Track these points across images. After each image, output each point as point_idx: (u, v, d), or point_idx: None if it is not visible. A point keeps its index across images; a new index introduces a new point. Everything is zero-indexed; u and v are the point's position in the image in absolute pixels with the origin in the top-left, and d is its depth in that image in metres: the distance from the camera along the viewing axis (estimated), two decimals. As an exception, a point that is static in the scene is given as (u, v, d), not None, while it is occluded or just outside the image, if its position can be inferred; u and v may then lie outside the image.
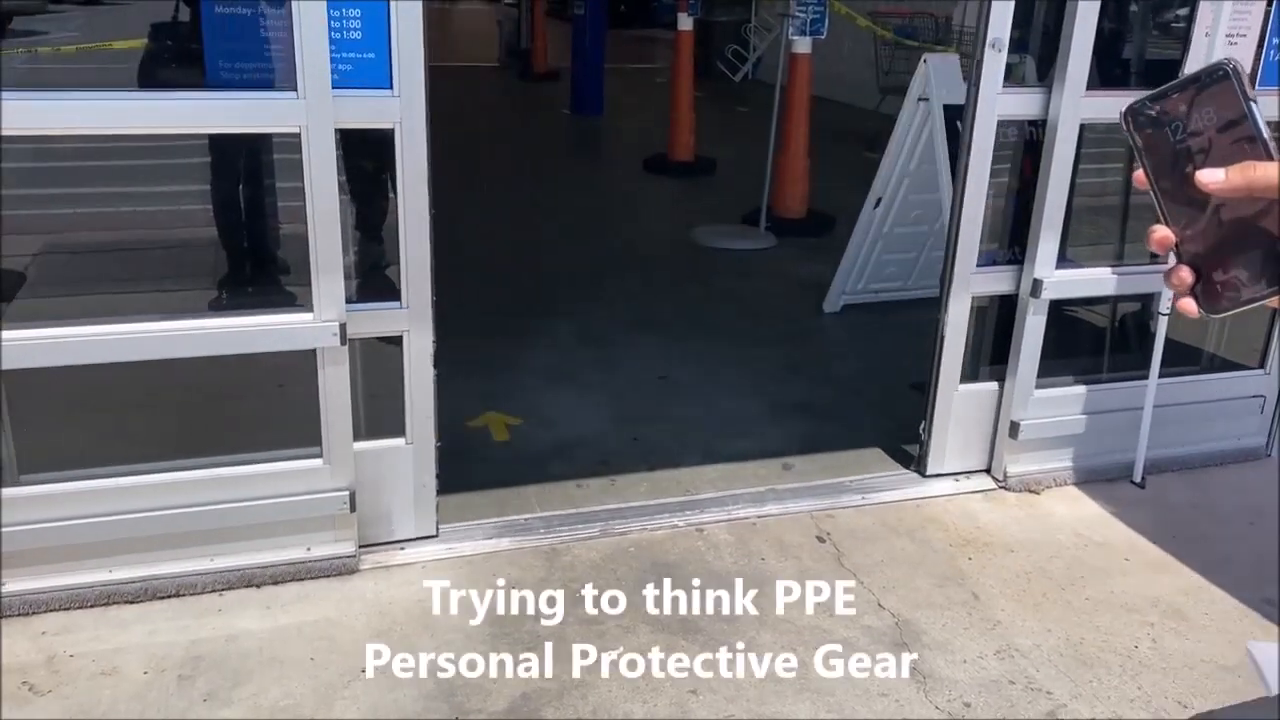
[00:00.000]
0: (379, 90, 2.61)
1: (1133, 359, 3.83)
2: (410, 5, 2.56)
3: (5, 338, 2.52)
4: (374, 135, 2.70)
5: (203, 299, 4.30)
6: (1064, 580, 3.05)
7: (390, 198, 2.73)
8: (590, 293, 5.40)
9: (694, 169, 8.31)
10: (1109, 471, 3.61)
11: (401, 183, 2.69)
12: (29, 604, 2.68)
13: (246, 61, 2.63)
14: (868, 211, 4.89)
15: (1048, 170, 3.25)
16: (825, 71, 9.16)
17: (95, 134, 2.73)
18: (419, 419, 2.93)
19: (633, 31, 19.17)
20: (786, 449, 3.76)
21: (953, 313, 3.38)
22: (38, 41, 8.58)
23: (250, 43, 2.62)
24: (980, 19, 3.09)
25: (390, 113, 2.62)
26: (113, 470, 2.75)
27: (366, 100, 2.61)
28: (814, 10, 6.15)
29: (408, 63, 2.60)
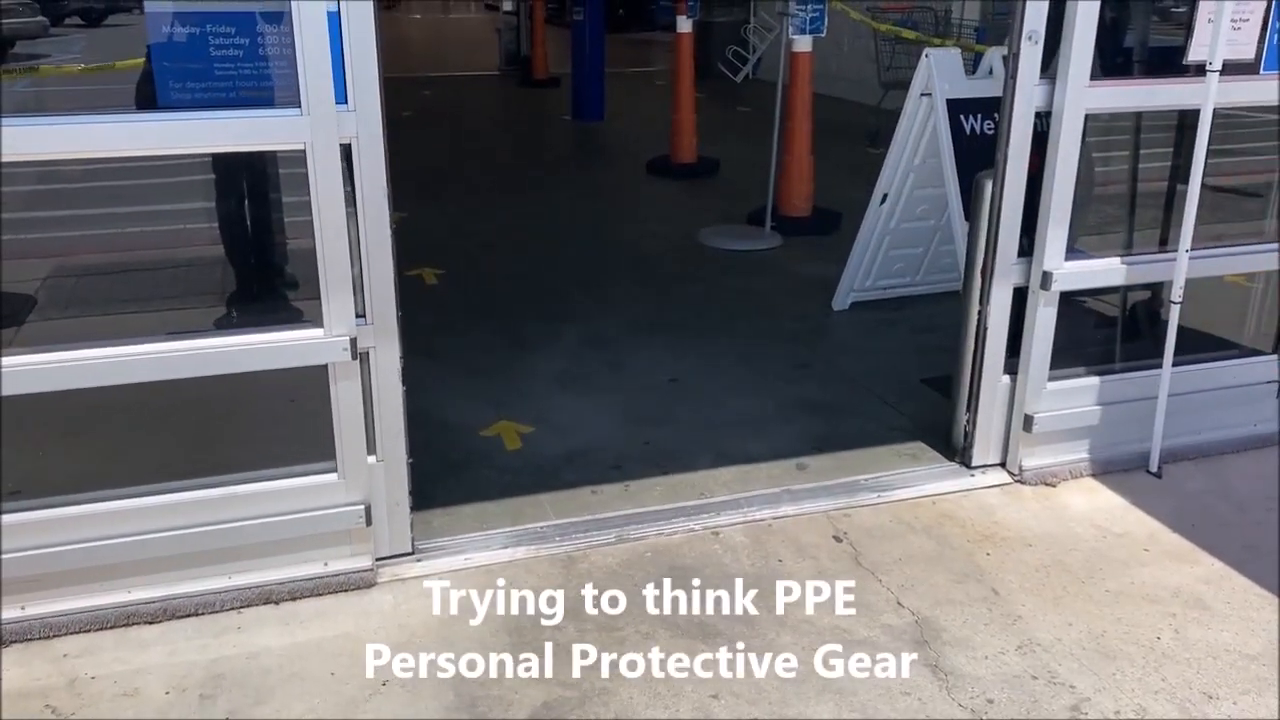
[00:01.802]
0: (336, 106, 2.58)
1: (1145, 348, 3.81)
2: (362, 17, 2.54)
3: (16, 363, 2.53)
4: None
5: (212, 317, 4.33)
6: (1083, 573, 3.04)
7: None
8: (597, 297, 5.40)
9: (697, 170, 8.31)
10: (1125, 462, 3.60)
11: (361, 197, 2.67)
12: (50, 626, 2.68)
13: (246, 80, 2.63)
14: (874, 208, 4.88)
15: (1054, 162, 3.24)
16: (826, 68, 9.17)
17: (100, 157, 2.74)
18: (389, 436, 2.91)
19: (632, 35, 19.21)
20: (800, 448, 3.75)
21: (995, 303, 3.39)
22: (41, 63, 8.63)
23: (251, 61, 2.62)
24: (1016, 13, 3.11)
25: (347, 127, 2.60)
26: (129, 491, 2.75)
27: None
28: (813, 9, 6.14)
29: (362, 77, 2.58)
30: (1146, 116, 3.96)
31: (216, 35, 2.60)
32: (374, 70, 2.59)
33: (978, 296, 3.44)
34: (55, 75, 5.98)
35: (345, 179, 2.64)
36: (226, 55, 2.60)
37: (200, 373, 2.70)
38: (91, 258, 5.62)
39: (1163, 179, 4.11)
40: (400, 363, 2.86)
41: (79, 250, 5.69)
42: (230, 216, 4.10)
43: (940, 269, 5.13)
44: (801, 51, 6.45)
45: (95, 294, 5.12)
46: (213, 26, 2.60)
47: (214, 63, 2.60)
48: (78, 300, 4.99)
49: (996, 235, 3.33)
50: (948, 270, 5.00)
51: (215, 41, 2.60)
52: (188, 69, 2.62)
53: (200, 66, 2.61)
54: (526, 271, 5.89)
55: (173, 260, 5.56)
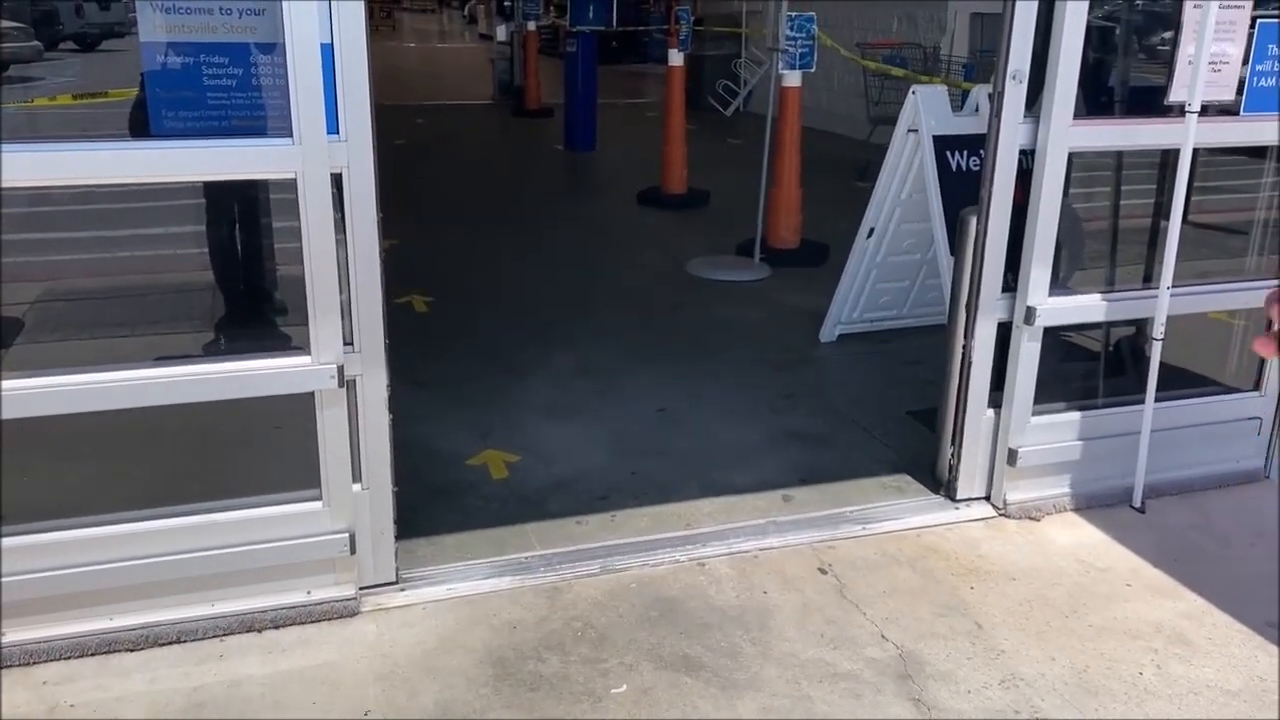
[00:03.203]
0: (327, 136, 2.61)
1: (1129, 383, 3.84)
2: (355, 49, 2.57)
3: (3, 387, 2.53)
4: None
5: (199, 342, 4.33)
6: (1066, 607, 3.05)
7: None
8: (586, 326, 5.42)
9: (687, 201, 8.37)
10: (1108, 497, 3.62)
11: (350, 227, 2.69)
12: (30, 653, 2.67)
13: (238, 110, 2.65)
14: (861, 241, 4.92)
15: (1038, 199, 3.28)
16: (816, 103, 9.25)
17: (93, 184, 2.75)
18: (374, 464, 2.91)
19: (625, 68, 19.37)
20: (786, 479, 3.77)
21: (979, 336, 3.42)
22: (34, 88, 8.67)
23: (243, 91, 2.64)
24: (1001, 52, 3.16)
25: (338, 157, 2.63)
26: (112, 517, 2.74)
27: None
28: (803, 44, 6.22)
29: (354, 107, 2.61)
30: (1131, 152, 4.01)
31: (210, 65, 2.63)
32: (366, 101, 2.61)
33: (962, 331, 3.47)
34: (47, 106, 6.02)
35: (335, 207, 2.66)
36: (219, 84, 2.62)
37: (186, 399, 2.70)
38: (80, 281, 5.63)
39: (1146, 215, 4.17)
40: (388, 390, 2.87)
41: (68, 274, 5.69)
42: (220, 242, 4.11)
43: (926, 303, 5.17)
44: (791, 86, 6.52)
45: (83, 318, 5.12)
46: (206, 56, 2.62)
47: (207, 92, 2.63)
48: (65, 324, 4.98)
49: (981, 271, 3.36)
50: (934, 304, 5.04)
51: (209, 71, 2.63)
52: (181, 97, 2.64)
53: (193, 95, 2.63)
54: (516, 299, 5.91)
55: (162, 285, 5.57)
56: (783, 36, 6.28)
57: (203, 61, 2.62)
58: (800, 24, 6.26)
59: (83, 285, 5.54)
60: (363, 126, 2.62)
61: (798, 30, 6.25)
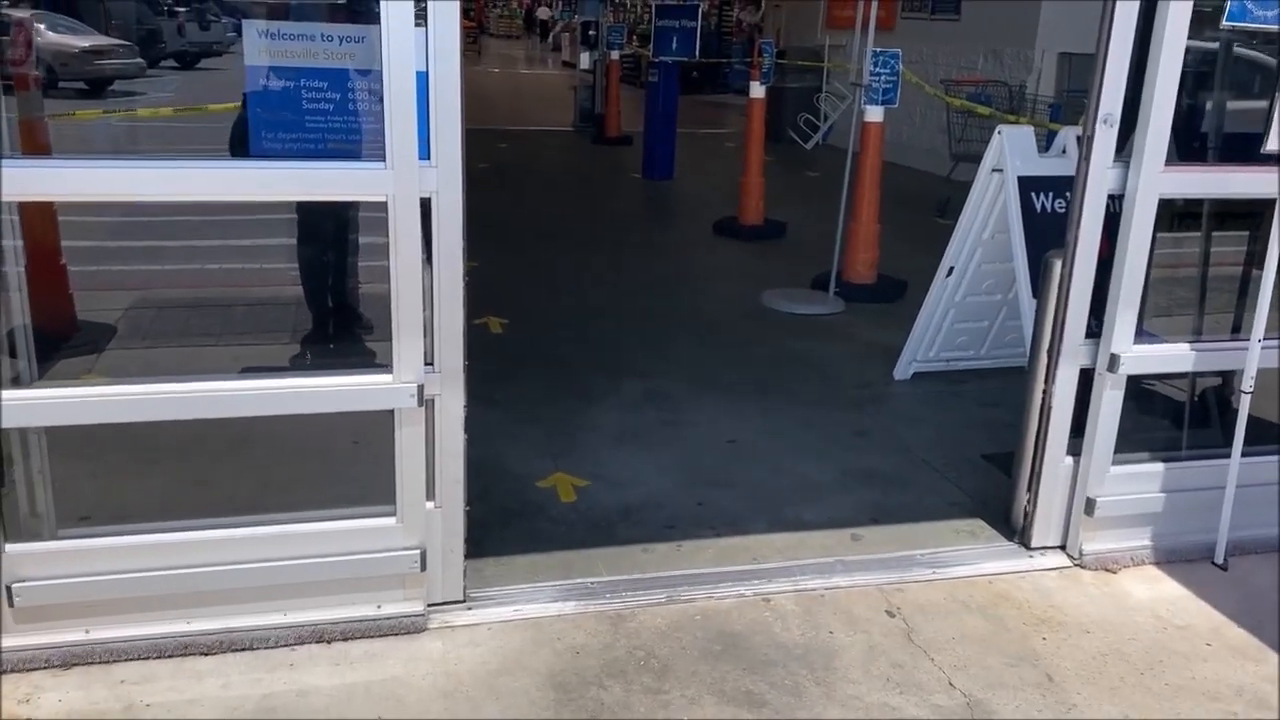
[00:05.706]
0: (419, 161, 2.67)
1: (1214, 435, 3.74)
2: (449, 77, 2.63)
3: (93, 394, 2.63)
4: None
5: (283, 354, 4.45)
6: (1142, 664, 2.96)
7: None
8: (660, 354, 5.44)
9: (764, 232, 8.36)
10: (1189, 551, 3.51)
11: (437, 249, 2.74)
12: (111, 652, 2.75)
13: (334, 133, 2.74)
14: (940, 280, 4.87)
15: (1125, 245, 3.22)
16: (898, 137, 9.20)
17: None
18: (448, 483, 2.95)
19: (705, 97, 19.46)
20: (856, 518, 3.73)
21: (1060, 381, 3.37)
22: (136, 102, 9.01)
23: (340, 115, 2.73)
24: (1092, 95, 3.13)
25: (428, 182, 2.68)
26: (194, 523, 2.82)
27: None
28: (886, 80, 6.20)
29: (446, 134, 2.67)
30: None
31: (309, 89, 2.72)
32: (457, 128, 2.67)
33: (1043, 375, 3.41)
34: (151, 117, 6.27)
35: (422, 230, 2.72)
36: (318, 108, 2.72)
37: (270, 412, 2.78)
38: (171, 292, 5.82)
39: (1238, 263, 4.06)
40: (464, 411, 2.91)
41: (159, 283, 5.89)
42: (310, 259, 4.23)
43: (1005, 344, 5.09)
44: (873, 121, 6.50)
45: (173, 327, 5.29)
46: (307, 80, 2.72)
47: (305, 115, 2.72)
48: (155, 332, 5.16)
49: (1065, 315, 3.31)
50: (1013, 345, 4.96)
51: (308, 95, 2.72)
52: (280, 119, 2.74)
53: (293, 117, 2.73)
54: (591, 324, 5.96)
55: (248, 297, 5.74)
56: (866, 72, 6.27)
57: (303, 85, 2.72)
58: (885, 60, 6.25)
59: (173, 295, 5.74)
60: (453, 153, 2.68)
61: (882, 66, 6.24)
